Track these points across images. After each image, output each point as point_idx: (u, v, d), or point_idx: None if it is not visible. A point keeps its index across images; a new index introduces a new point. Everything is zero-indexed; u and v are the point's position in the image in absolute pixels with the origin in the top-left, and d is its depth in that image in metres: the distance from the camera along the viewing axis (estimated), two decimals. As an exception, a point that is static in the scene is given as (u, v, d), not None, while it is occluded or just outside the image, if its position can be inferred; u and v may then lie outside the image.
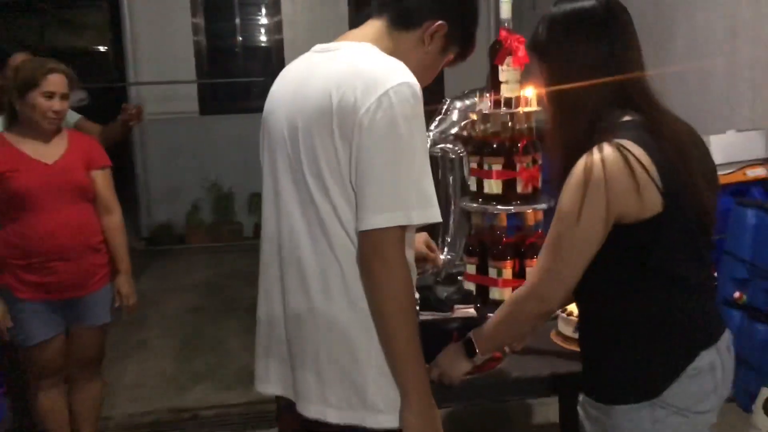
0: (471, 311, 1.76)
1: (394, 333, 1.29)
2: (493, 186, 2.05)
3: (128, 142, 6.69)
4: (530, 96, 2.07)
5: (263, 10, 6.95)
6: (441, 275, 2.36)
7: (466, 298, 1.79)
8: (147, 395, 3.51)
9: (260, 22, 7.01)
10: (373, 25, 1.43)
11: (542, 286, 1.39)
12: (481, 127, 2.08)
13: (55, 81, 2.47)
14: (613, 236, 1.33)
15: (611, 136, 1.32)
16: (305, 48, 1.46)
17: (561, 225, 1.35)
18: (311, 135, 1.31)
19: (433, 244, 1.90)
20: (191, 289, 5.36)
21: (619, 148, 1.30)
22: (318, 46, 1.43)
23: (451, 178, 2.36)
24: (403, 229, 1.27)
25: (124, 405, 3.42)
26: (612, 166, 1.29)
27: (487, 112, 2.06)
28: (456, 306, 1.77)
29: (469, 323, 1.72)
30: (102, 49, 11.08)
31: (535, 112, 2.07)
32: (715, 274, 1.56)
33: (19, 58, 3.16)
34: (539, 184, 2.10)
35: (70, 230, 2.48)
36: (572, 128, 1.38)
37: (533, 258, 2.04)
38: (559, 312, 1.90)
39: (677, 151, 1.37)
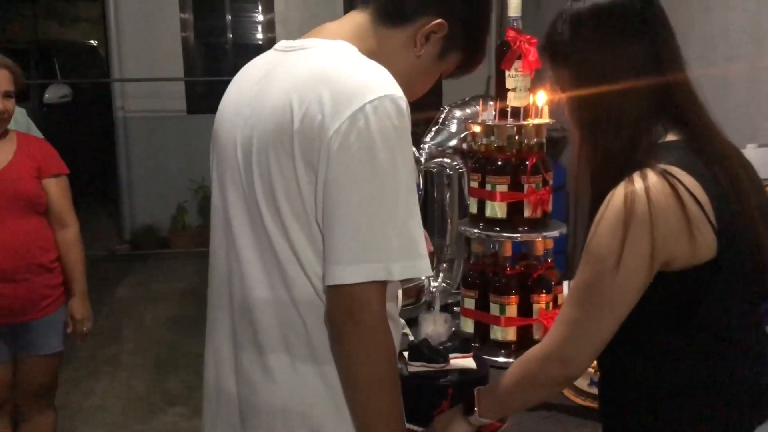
0: (469, 362, 1.49)
1: (372, 411, 1.02)
2: (496, 209, 1.78)
3: (111, 140, 6.41)
4: (541, 106, 1.80)
5: (255, 7, 6.67)
6: (434, 306, 2.09)
7: (463, 346, 1.52)
8: (112, 420, 3.23)
9: (252, 20, 6.72)
10: (354, 19, 1.15)
11: (566, 345, 1.12)
12: (484, 140, 1.81)
13: None
14: (653, 285, 1.07)
15: (654, 160, 1.07)
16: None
17: (593, 271, 1.08)
18: (267, 157, 1.04)
19: None
20: (172, 297, 5.08)
21: (666, 176, 1.04)
22: (283, 43, 1.15)
23: (448, 195, 2.09)
24: (383, 284, 1.00)
25: (91, 431, 3.14)
26: (659, 199, 1.03)
27: (491, 123, 1.78)
28: (452, 355, 1.49)
29: (466, 377, 1.45)
30: (93, 43, 10.81)
31: (547, 124, 1.80)
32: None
33: None
34: (549, 208, 1.83)
35: (16, 247, 2.20)
36: (608, 146, 1.12)
37: (541, 293, 1.77)
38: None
39: (730, 179, 1.11)
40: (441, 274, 2.12)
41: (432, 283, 2.10)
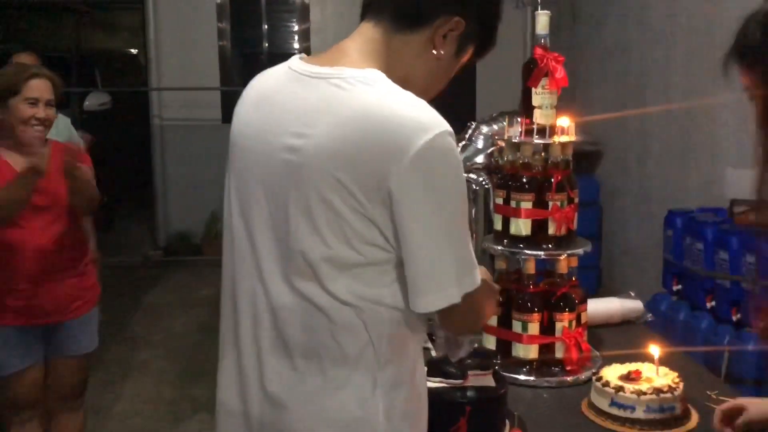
0: (488, 380, 1.48)
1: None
2: (521, 226, 1.77)
3: (148, 147, 6.53)
4: (567, 125, 1.79)
5: (291, 17, 6.75)
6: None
7: (483, 363, 1.51)
8: (140, 425, 3.28)
9: (288, 29, 6.80)
10: (368, 36, 1.15)
11: None
12: (510, 157, 1.81)
13: (38, 86, 2.27)
14: None
15: None
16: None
17: None
18: (311, 185, 1.05)
19: None
20: (203, 304, 5.14)
21: None
22: (303, 65, 1.14)
23: (473, 211, 2.09)
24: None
25: (117, 435, 3.20)
26: None
27: (516, 140, 1.78)
28: (471, 372, 1.49)
29: (485, 395, 1.45)
30: (134, 51, 11.02)
31: (572, 143, 1.80)
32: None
33: (20, 58, 2.97)
34: (574, 226, 1.82)
35: (52, 250, 2.26)
36: None
37: (564, 311, 1.76)
38: (593, 380, 1.61)
39: None
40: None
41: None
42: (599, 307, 2.12)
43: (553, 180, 1.74)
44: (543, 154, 1.76)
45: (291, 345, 1.11)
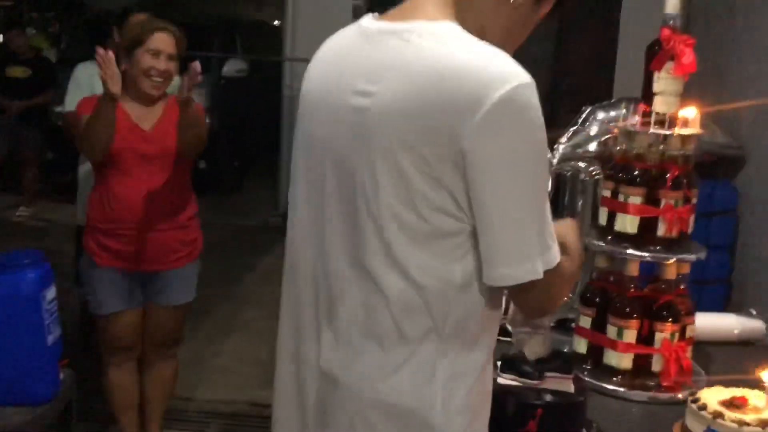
0: (567, 385, 1.37)
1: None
2: (627, 223, 1.62)
3: (278, 116, 6.70)
4: (692, 116, 1.61)
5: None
6: (552, 319, 1.96)
7: (563, 366, 1.39)
8: (234, 382, 3.38)
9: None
10: None
11: None
12: (623, 146, 1.65)
13: (163, 38, 2.34)
14: None
15: None
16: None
17: None
18: (388, 152, 0.98)
19: None
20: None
21: None
22: (373, 22, 1.07)
23: (580, 203, 1.94)
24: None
25: (210, 388, 3.30)
26: None
27: (631, 128, 1.62)
28: (549, 374, 1.38)
29: (560, 400, 1.33)
30: (276, 23, 11.36)
31: (696, 136, 1.61)
32: None
33: (137, 18, 3.08)
34: (689, 229, 1.64)
35: (156, 201, 2.34)
36: None
37: (667, 321, 1.60)
38: (688, 401, 1.45)
39: None
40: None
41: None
42: (712, 321, 1.91)
43: (668, 175, 1.58)
44: (661, 146, 1.59)
45: (348, 322, 1.05)
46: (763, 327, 1.95)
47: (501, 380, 1.37)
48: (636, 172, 1.60)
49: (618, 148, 1.67)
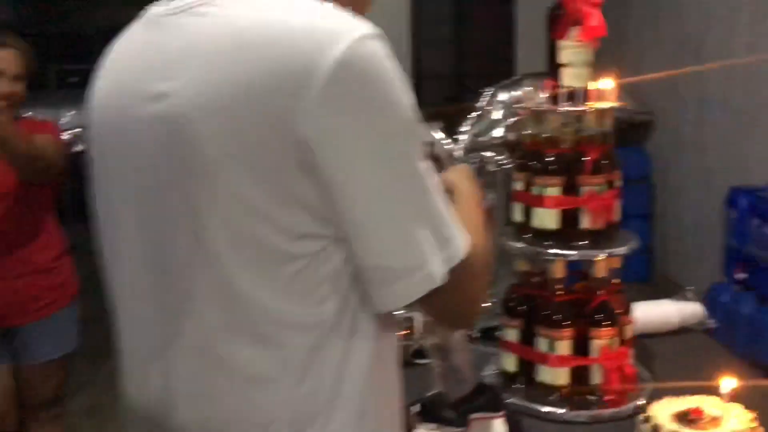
0: (498, 426, 1.13)
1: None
2: (545, 218, 1.39)
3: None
4: (607, 87, 1.40)
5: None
6: (475, 329, 1.73)
7: (491, 402, 1.16)
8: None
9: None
10: None
11: None
12: (531, 130, 1.43)
13: (3, 57, 1.99)
14: None
15: None
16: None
17: None
18: (207, 158, 0.70)
19: None
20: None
21: None
22: (160, 7, 0.79)
23: (491, 198, 1.71)
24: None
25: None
26: None
27: (537, 108, 1.40)
28: (475, 416, 1.14)
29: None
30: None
31: (614, 109, 1.40)
32: None
33: None
34: (617, 217, 1.43)
35: (2, 245, 1.99)
36: None
37: (603, 325, 1.38)
38: (638, 421, 1.24)
39: None
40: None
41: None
42: (651, 313, 1.73)
43: (587, 159, 1.36)
44: (573, 126, 1.37)
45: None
46: (702, 310, 1.79)
47: (420, 432, 1.12)
48: (550, 159, 1.38)
49: (526, 132, 1.44)
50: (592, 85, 1.39)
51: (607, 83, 1.41)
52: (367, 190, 0.70)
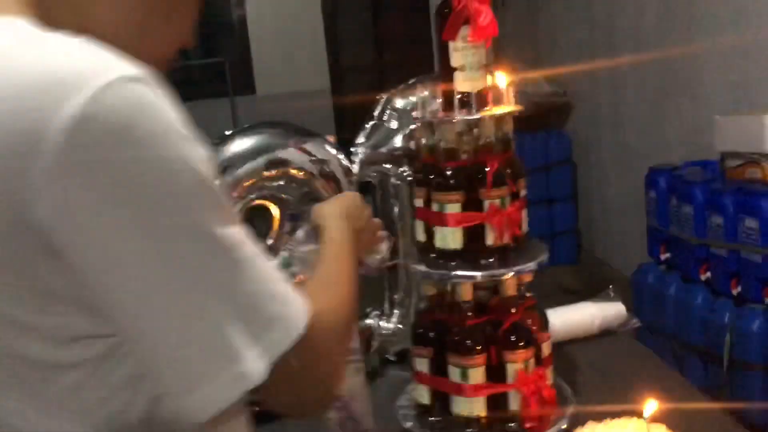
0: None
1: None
2: (448, 238, 1.28)
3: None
4: (503, 87, 1.29)
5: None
6: (390, 352, 1.61)
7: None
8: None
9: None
10: None
11: None
12: (427, 141, 1.31)
13: None
14: None
15: None
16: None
17: None
18: None
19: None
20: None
21: None
22: None
23: (396, 209, 1.60)
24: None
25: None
26: None
27: (431, 118, 1.28)
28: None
29: None
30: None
31: (513, 113, 1.29)
32: None
33: None
34: (524, 229, 1.33)
35: None
36: None
37: (517, 348, 1.28)
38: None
39: None
40: (396, 313, 1.64)
41: (383, 324, 1.62)
42: (571, 319, 1.64)
43: (487, 170, 1.25)
44: (470, 135, 1.26)
45: None
46: (623, 311, 1.71)
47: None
48: (448, 173, 1.26)
49: (422, 143, 1.32)
50: (489, 88, 1.27)
51: (502, 80, 1.29)
52: (137, 281, 0.55)
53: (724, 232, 2.56)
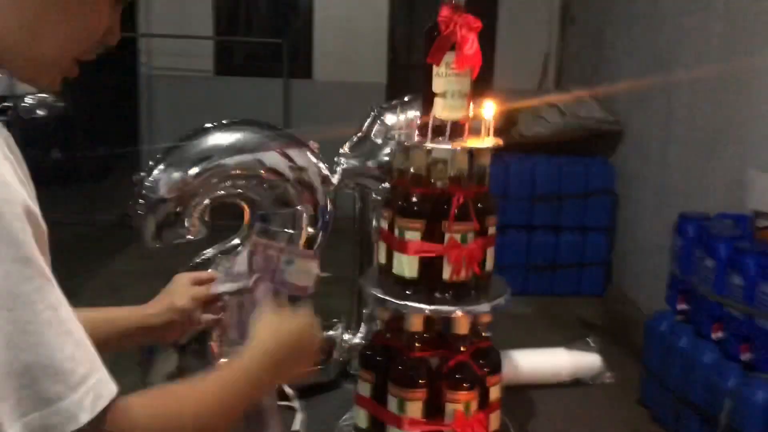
0: None
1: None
2: (404, 265, 1.24)
3: (134, 97, 6.09)
4: (487, 118, 1.25)
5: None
6: (351, 366, 1.59)
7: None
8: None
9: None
10: None
11: None
12: (401, 165, 1.27)
13: None
14: None
15: None
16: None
17: None
18: None
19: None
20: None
21: None
22: None
23: (374, 222, 1.57)
24: None
25: None
26: None
27: (404, 141, 1.24)
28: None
29: None
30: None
31: (490, 149, 1.25)
32: None
33: None
34: (486, 267, 1.28)
35: None
36: None
37: (459, 388, 1.24)
38: None
39: None
40: (362, 325, 1.61)
41: (346, 337, 1.59)
42: (540, 362, 1.59)
43: (453, 201, 1.21)
44: (442, 164, 1.22)
45: None
46: (599, 363, 1.65)
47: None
48: (413, 200, 1.23)
49: (396, 166, 1.29)
50: (468, 119, 1.23)
51: (488, 109, 1.25)
52: None
53: (742, 294, 2.44)
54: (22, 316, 0.55)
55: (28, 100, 5.91)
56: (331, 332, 1.57)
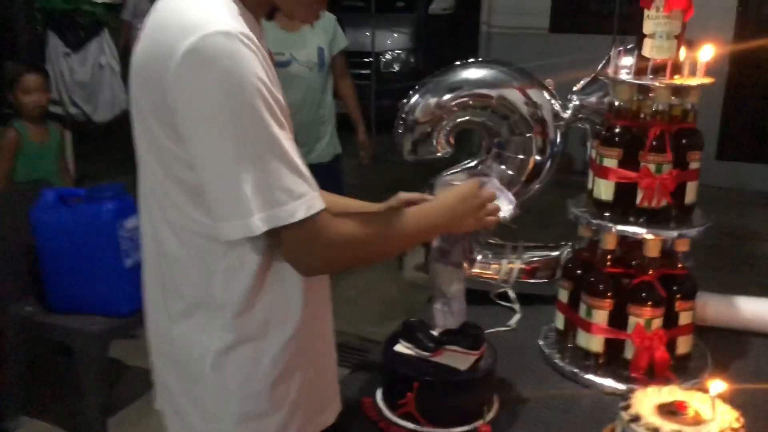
0: (465, 360, 1.26)
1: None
2: (602, 189, 1.40)
3: (475, 54, 6.56)
4: (704, 60, 1.33)
5: None
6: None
7: (470, 341, 1.27)
8: (351, 315, 3.49)
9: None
10: None
11: None
12: (610, 99, 1.42)
13: None
14: None
15: None
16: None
17: None
18: (139, 109, 0.99)
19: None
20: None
21: None
22: None
23: (588, 152, 1.70)
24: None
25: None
26: None
27: (613, 77, 1.38)
28: (449, 348, 1.28)
29: (441, 377, 1.24)
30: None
31: (700, 87, 1.33)
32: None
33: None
34: (683, 199, 1.37)
35: None
36: None
37: (643, 304, 1.37)
38: (620, 407, 1.25)
39: None
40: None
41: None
42: (746, 308, 1.60)
43: (649, 133, 1.33)
44: (642, 99, 1.34)
45: (148, 277, 1.09)
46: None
47: (397, 348, 1.31)
48: (614, 130, 1.37)
49: (609, 102, 1.44)
50: (675, 59, 1.32)
51: (707, 52, 1.32)
52: (203, 149, 0.90)
53: None
54: (278, 148, 0.91)
55: (387, 56, 6.78)
56: (556, 252, 1.76)
